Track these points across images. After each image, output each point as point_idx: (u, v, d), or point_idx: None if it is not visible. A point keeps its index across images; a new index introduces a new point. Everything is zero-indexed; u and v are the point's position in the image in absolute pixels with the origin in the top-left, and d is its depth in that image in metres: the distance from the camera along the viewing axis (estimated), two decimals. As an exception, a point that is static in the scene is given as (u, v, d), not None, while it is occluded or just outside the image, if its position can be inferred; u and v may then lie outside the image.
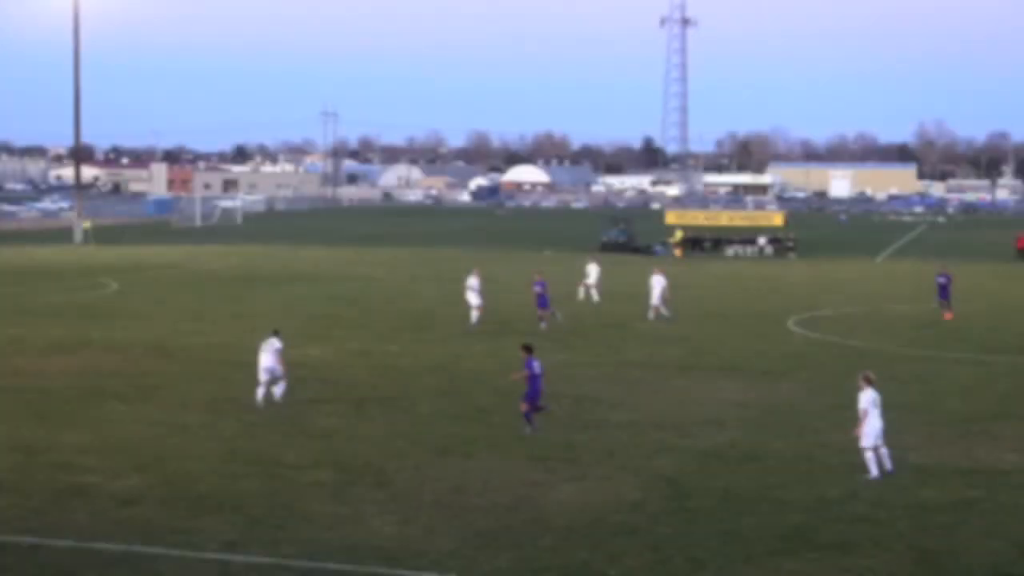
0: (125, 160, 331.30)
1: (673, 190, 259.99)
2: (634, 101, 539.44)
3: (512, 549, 17.83)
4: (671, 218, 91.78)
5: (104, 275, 62.36)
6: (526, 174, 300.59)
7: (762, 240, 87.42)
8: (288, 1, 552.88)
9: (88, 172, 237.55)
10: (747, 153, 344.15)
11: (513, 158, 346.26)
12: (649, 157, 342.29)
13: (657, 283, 45.25)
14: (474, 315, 42.48)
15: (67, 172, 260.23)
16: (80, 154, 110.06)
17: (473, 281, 43.23)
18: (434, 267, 70.49)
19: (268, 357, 28.35)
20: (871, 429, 22.03)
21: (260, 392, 28.19)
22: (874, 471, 21.90)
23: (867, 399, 22.17)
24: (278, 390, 28.31)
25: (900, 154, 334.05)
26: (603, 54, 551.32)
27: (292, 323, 43.32)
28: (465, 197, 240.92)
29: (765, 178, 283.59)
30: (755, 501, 20.52)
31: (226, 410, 27.73)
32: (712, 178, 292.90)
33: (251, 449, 23.98)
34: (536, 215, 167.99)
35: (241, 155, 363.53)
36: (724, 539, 18.40)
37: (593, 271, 51.67)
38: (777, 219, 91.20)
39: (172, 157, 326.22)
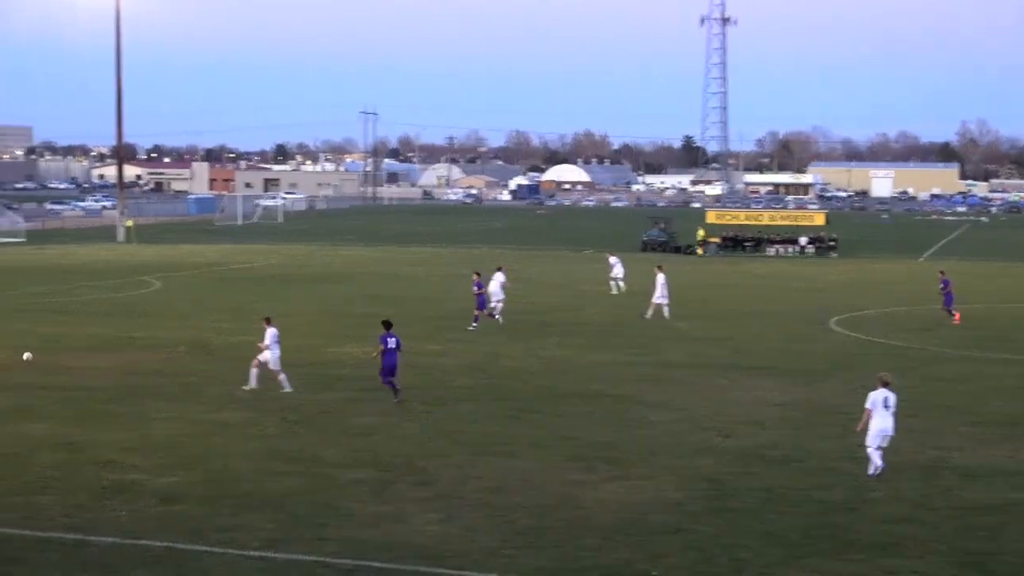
0: (167, 159, 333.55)
1: (714, 189, 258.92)
2: (674, 100, 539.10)
3: (553, 548, 17.80)
4: (712, 217, 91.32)
5: (146, 274, 62.79)
6: (566, 173, 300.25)
7: (803, 240, 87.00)
8: (330, 1, 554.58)
9: (130, 171, 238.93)
10: (788, 152, 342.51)
11: (553, 157, 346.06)
12: (689, 156, 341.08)
13: (659, 281, 45.34)
14: (496, 308, 44.31)
15: (109, 171, 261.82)
16: (122, 153, 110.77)
17: (500, 276, 44.59)
18: (474, 266, 70.41)
19: (278, 347, 29.88)
20: (875, 429, 21.92)
21: (283, 378, 29.84)
22: (871, 470, 21.82)
23: (871, 399, 22.10)
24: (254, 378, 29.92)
25: (942, 153, 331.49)
26: (643, 53, 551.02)
27: (332, 321, 43.58)
28: (505, 196, 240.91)
29: (806, 177, 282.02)
30: (797, 502, 20.41)
31: (267, 408, 27.85)
32: (753, 177, 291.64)
33: (292, 448, 24.06)
34: (576, 214, 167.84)
35: (282, 154, 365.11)
36: (766, 540, 18.30)
37: (617, 265, 55.10)
38: (818, 219, 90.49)
39: (214, 156, 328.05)
